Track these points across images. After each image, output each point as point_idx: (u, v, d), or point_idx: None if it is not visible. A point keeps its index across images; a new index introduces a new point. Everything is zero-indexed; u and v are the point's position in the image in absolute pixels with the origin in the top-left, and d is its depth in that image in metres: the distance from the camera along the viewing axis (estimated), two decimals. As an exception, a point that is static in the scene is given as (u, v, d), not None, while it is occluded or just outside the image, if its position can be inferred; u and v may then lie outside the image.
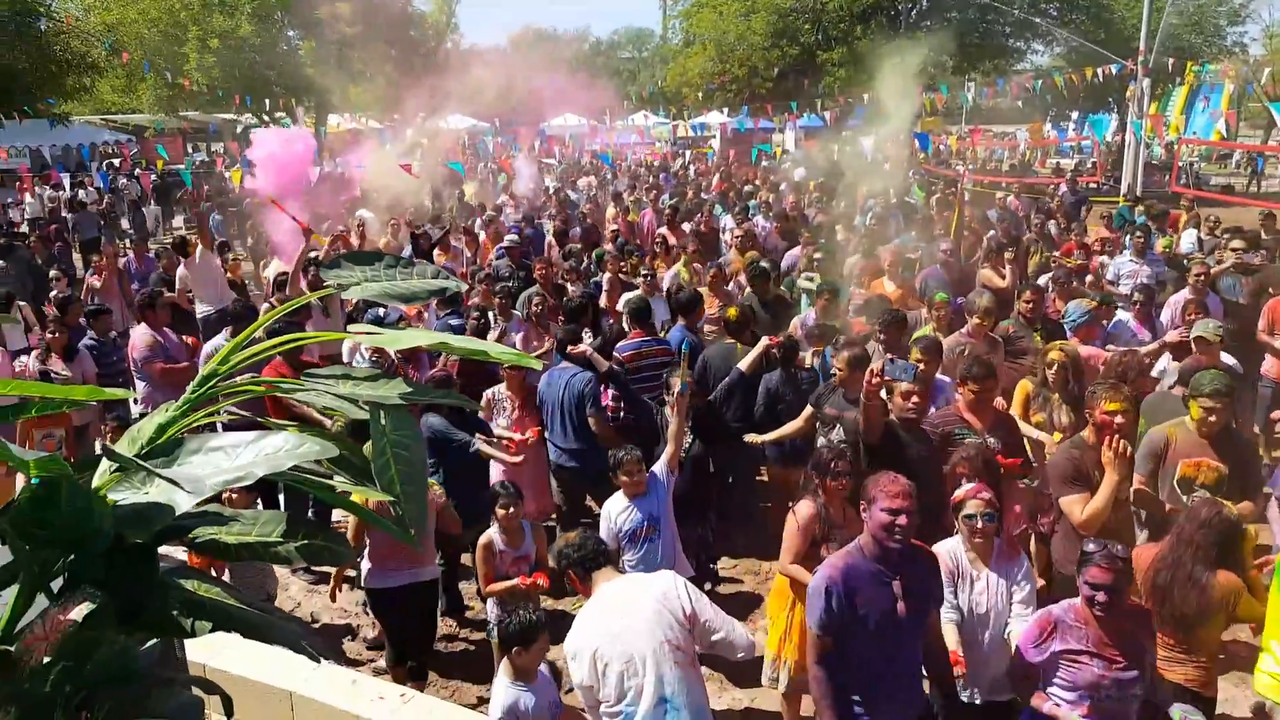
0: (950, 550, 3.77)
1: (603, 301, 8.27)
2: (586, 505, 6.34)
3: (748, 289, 8.19)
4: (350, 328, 1.38)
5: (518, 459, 5.51)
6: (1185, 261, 9.14)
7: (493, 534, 4.65)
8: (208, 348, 7.12)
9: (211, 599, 1.10)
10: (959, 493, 3.79)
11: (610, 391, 5.91)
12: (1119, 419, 4.27)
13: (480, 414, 5.87)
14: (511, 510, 4.62)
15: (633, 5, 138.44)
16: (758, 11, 30.24)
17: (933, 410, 5.14)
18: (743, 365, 5.56)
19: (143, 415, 1.73)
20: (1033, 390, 5.53)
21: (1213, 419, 4.40)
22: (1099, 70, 21.24)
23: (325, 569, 5.56)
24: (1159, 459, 4.60)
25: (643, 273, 8.56)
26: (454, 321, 7.27)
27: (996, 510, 3.72)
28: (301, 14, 24.09)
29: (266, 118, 27.75)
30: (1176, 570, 3.60)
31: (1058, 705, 3.31)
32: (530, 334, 7.51)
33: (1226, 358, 5.86)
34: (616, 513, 4.59)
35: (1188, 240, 11.23)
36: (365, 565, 4.60)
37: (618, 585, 3.36)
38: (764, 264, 8.36)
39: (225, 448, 1.08)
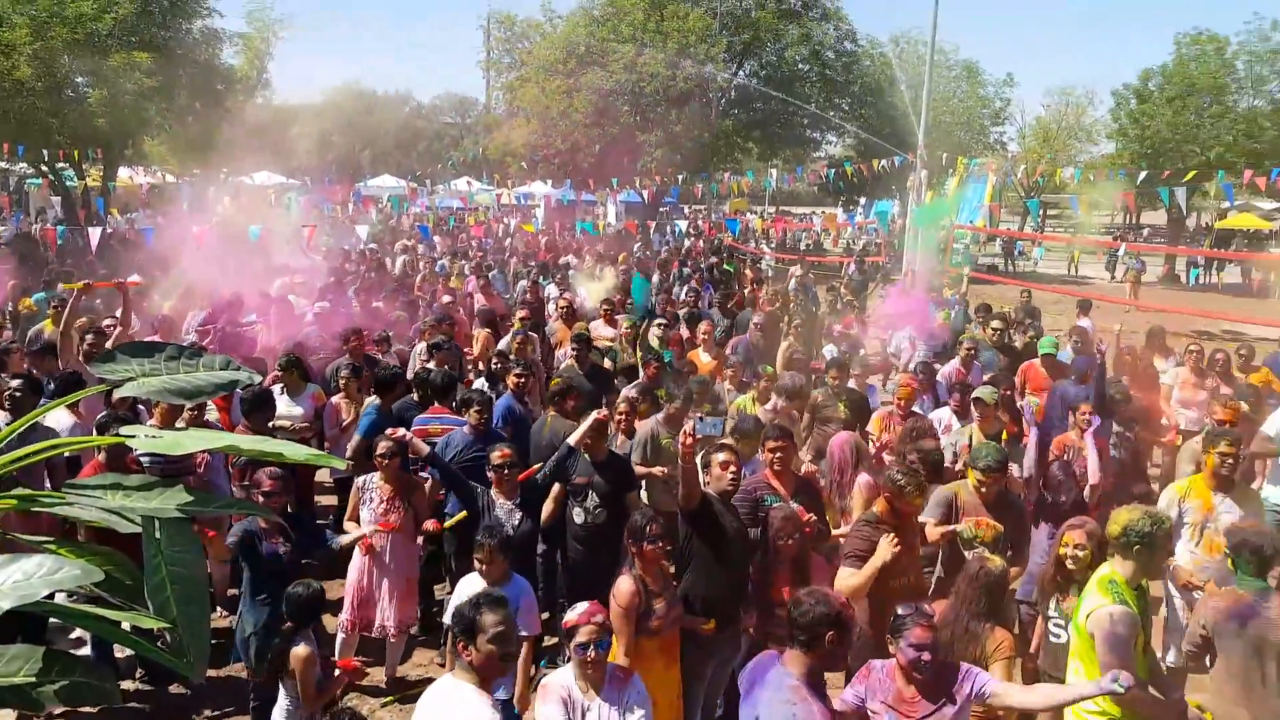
0: (561, 681, 3.60)
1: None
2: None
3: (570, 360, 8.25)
4: (122, 430, 1.25)
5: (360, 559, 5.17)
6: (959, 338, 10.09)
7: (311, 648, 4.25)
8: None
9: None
10: (570, 617, 3.61)
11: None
12: (914, 517, 4.65)
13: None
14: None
15: (456, 72, 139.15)
16: (579, 90, 31.13)
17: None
18: (572, 439, 5.51)
19: None
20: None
21: (984, 490, 4.90)
22: (884, 161, 23.34)
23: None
24: (949, 508, 5.00)
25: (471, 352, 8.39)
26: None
27: (609, 636, 3.63)
28: (92, 60, 22.30)
29: (45, 169, 25.38)
30: (955, 625, 3.94)
31: None
32: (341, 408, 7.16)
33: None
34: (469, 590, 4.40)
35: (959, 316, 12.41)
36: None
37: (443, 686, 3.26)
38: (587, 333, 8.47)
39: (-39, 576, 0.94)
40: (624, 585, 4.19)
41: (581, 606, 3.63)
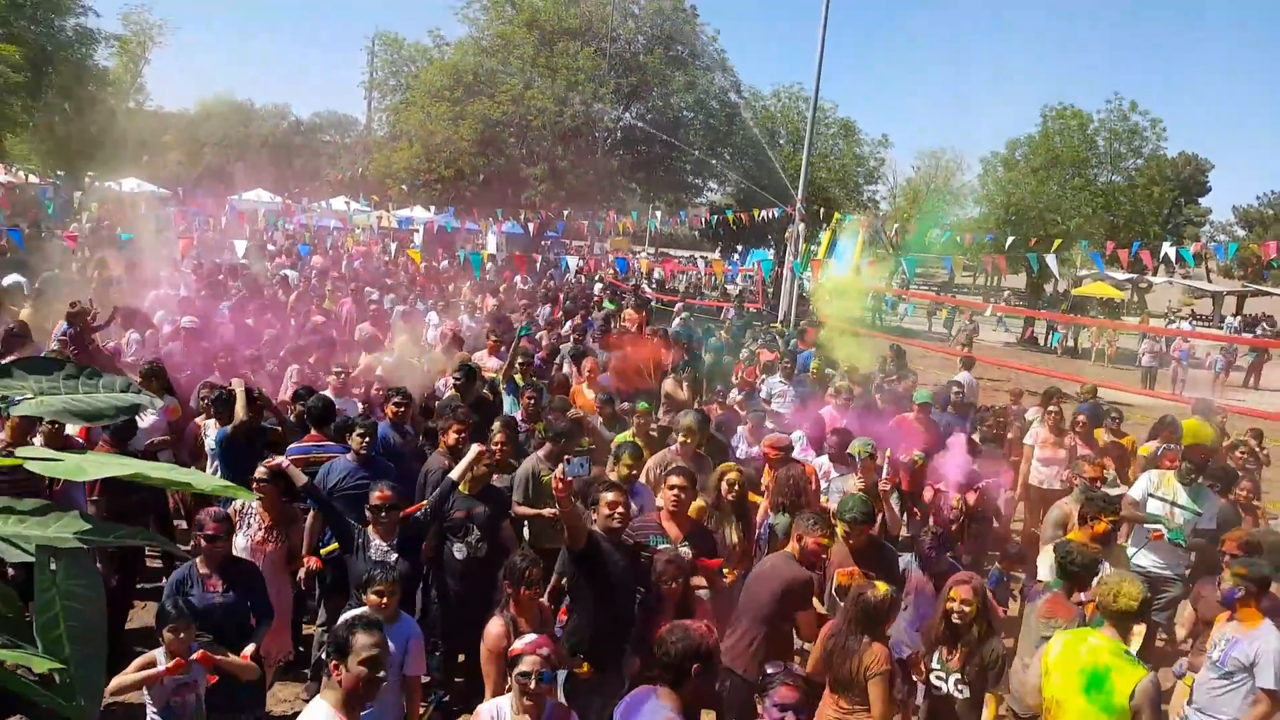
0: (494, 710, 3.52)
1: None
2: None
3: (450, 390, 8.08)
4: (17, 450, 1.13)
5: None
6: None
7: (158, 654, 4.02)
8: None
9: None
10: (517, 645, 3.55)
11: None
12: (825, 553, 4.76)
13: None
14: (182, 635, 4.01)
15: (337, 90, 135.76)
16: (465, 118, 30.93)
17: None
18: (454, 474, 5.37)
19: None
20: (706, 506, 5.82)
21: (851, 540, 5.07)
22: (765, 211, 24.20)
23: None
24: (819, 567, 5.14)
25: (335, 369, 8.12)
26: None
27: (554, 669, 3.57)
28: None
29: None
30: (837, 639, 4.14)
31: None
32: (201, 429, 6.78)
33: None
34: None
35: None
36: None
37: (311, 711, 3.20)
38: (471, 364, 8.32)
39: None
40: (494, 628, 4.13)
41: (530, 636, 3.58)
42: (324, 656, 3.34)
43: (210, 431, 6.68)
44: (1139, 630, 4.21)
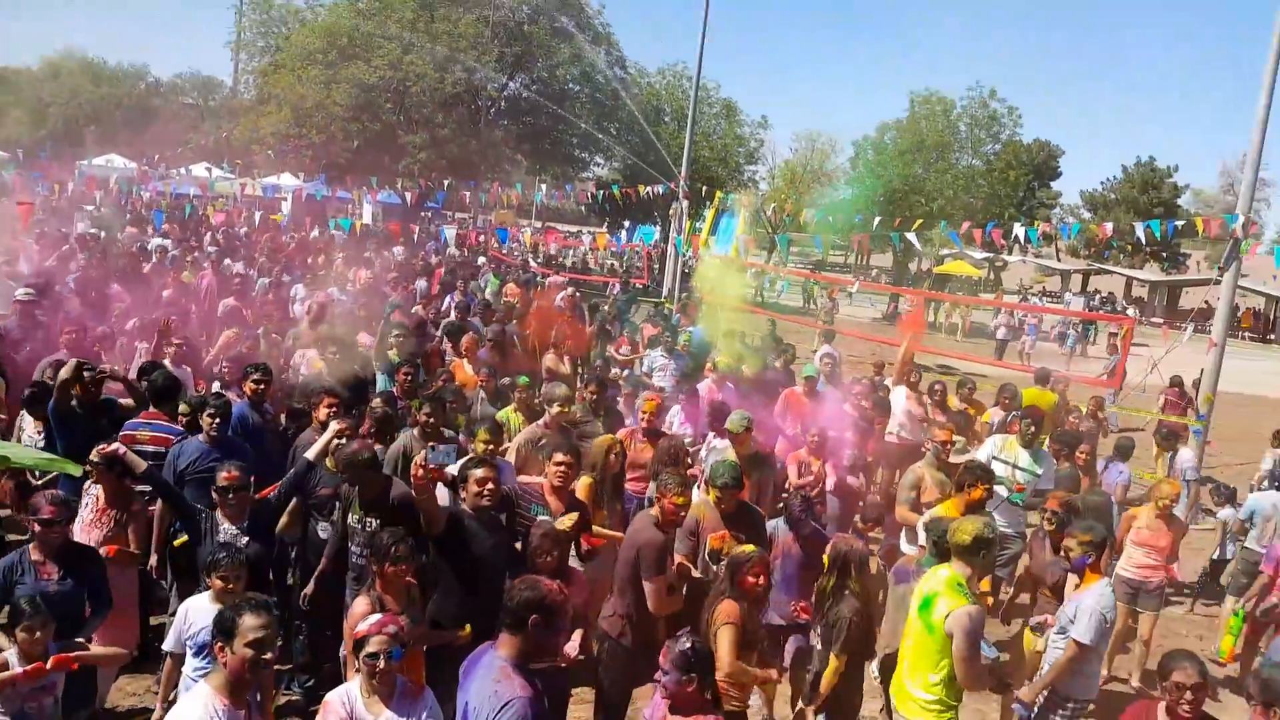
0: (343, 696, 3.46)
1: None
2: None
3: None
4: None
5: None
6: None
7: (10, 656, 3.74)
8: None
9: None
10: (361, 627, 3.49)
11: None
12: (683, 511, 4.86)
13: None
14: (38, 635, 3.76)
15: (201, 51, 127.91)
16: (339, 82, 29.68)
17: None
18: (310, 454, 5.19)
19: None
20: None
21: (723, 505, 5.28)
22: (649, 188, 24.33)
23: None
24: (695, 535, 5.27)
25: (174, 342, 7.66)
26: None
27: (404, 645, 3.51)
28: None
29: None
30: (711, 596, 4.37)
31: None
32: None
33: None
34: (195, 613, 4.09)
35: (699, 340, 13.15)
36: None
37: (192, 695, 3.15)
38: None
39: None
40: (357, 607, 4.04)
41: (375, 617, 3.50)
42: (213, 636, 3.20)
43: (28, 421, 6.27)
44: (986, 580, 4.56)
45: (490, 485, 4.59)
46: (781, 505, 6.20)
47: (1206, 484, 9.51)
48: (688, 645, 3.45)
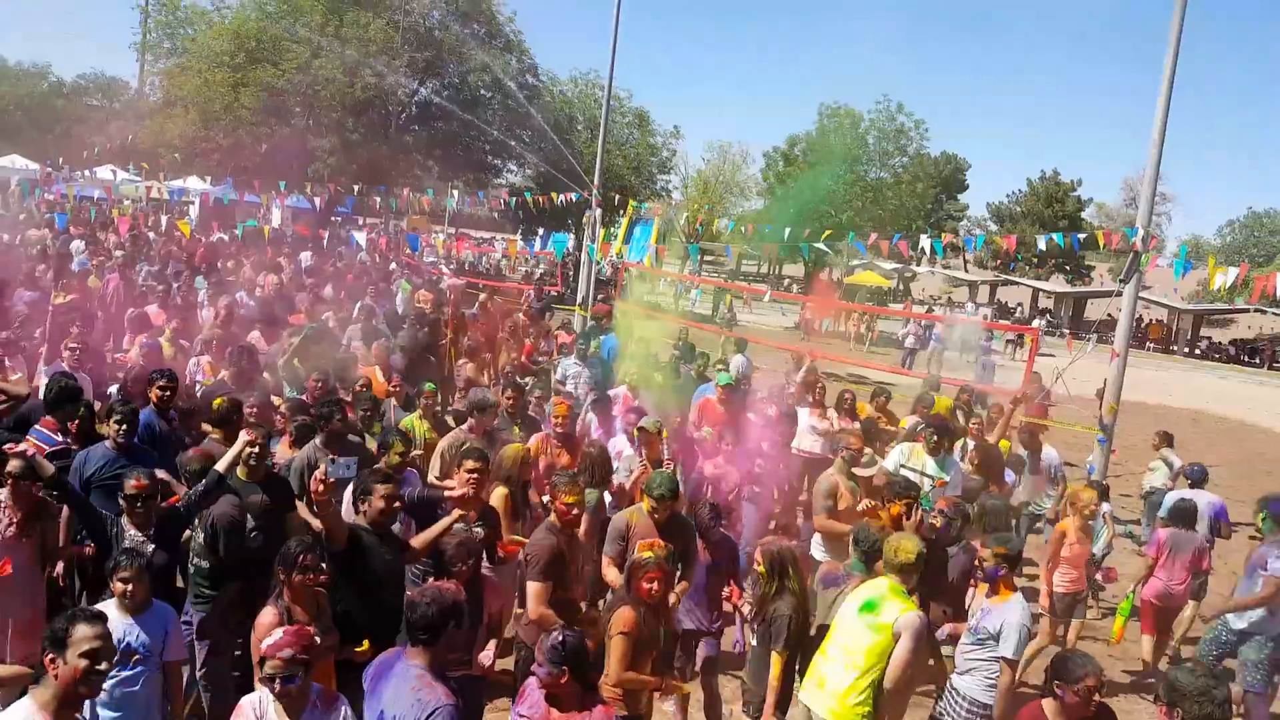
0: (255, 702, 3.38)
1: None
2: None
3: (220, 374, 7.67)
4: None
5: None
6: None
7: None
8: None
9: None
10: (264, 645, 3.34)
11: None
12: (575, 510, 4.95)
13: None
14: None
15: (105, 52, 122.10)
16: (247, 85, 28.88)
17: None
18: (220, 465, 5.11)
19: None
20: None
21: (657, 515, 5.28)
22: (562, 196, 24.35)
23: None
24: (625, 539, 5.32)
25: (70, 346, 7.35)
26: None
27: (302, 670, 3.32)
28: None
29: None
30: (610, 601, 4.53)
31: None
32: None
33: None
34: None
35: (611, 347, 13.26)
36: None
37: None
38: (252, 345, 7.94)
39: None
40: (264, 618, 3.99)
41: (277, 634, 3.36)
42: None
43: None
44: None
45: (396, 502, 4.62)
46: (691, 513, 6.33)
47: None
48: (559, 639, 3.51)
